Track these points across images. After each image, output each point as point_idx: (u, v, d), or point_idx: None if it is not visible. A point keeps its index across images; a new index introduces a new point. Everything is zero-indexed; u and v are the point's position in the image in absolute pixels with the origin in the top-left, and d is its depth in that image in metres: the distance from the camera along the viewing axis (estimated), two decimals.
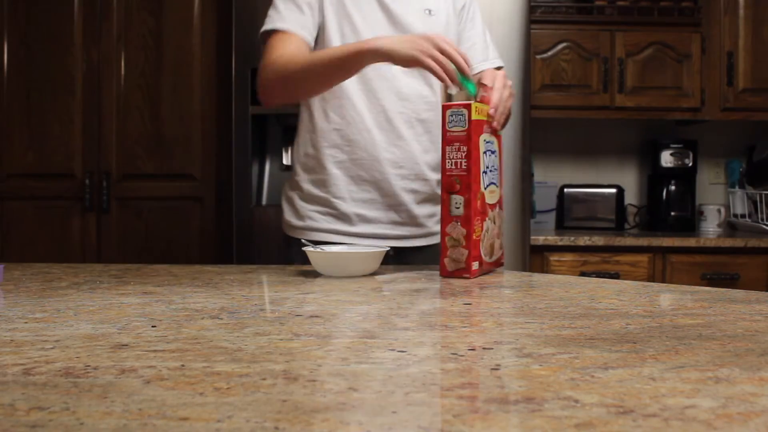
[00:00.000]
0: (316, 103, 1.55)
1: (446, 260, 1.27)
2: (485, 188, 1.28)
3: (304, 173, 1.58)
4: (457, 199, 1.25)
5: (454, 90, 1.32)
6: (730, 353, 0.66)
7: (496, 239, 1.35)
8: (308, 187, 1.56)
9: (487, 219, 1.29)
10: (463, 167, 1.24)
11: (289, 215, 1.60)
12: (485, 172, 1.28)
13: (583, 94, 2.93)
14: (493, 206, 1.32)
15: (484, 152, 1.28)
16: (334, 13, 1.51)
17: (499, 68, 1.58)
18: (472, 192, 1.24)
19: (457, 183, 1.25)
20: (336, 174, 1.52)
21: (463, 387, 0.55)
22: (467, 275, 1.24)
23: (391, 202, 1.53)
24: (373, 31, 1.49)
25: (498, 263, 1.37)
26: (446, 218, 1.26)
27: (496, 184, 1.35)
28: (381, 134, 1.51)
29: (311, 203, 1.56)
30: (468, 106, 1.23)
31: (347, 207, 1.52)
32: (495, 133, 1.34)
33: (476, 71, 1.53)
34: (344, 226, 1.53)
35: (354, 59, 1.36)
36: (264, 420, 0.46)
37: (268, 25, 1.51)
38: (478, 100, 1.29)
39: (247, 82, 2.67)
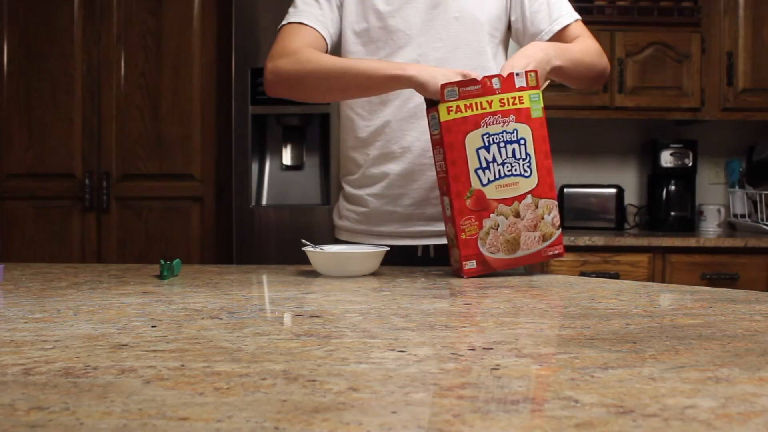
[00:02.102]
0: (347, 101, 1.53)
1: (452, 260, 1.29)
2: (485, 185, 1.24)
3: (341, 174, 1.60)
4: (446, 201, 1.26)
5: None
6: (730, 353, 0.66)
7: (529, 232, 1.28)
8: (346, 187, 1.57)
9: (492, 215, 1.25)
10: (444, 169, 1.24)
11: (335, 213, 1.62)
12: (484, 169, 1.24)
13: (583, 94, 2.93)
14: (509, 201, 1.26)
15: (484, 147, 1.24)
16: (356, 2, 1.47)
17: (568, 26, 1.47)
18: (452, 193, 1.23)
19: (444, 185, 1.25)
20: (368, 173, 1.50)
21: (463, 387, 0.55)
22: (461, 274, 1.25)
23: (426, 195, 1.47)
24: (400, 11, 1.44)
25: (540, 256, 1.30)
26: (445, 220, 1.28)
27: (524, 174, 1.27)
28: (407, 123, 1.45)
29: (349, 202, 1.56)
30: (436, 109, 1.22)
31: (377, 205, 1.49)
32: (528, 119, 1.26)
33: (547, 37, 1.46)
34: (374, 227, 1.51)
35: (384, 83, 1.33)
36: (264, 420, 0.46)
37: (284, 21, 1.49)
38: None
39: (247, 82, 2.67)
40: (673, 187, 3.10)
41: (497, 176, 1.26)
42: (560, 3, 1.50)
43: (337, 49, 1.52)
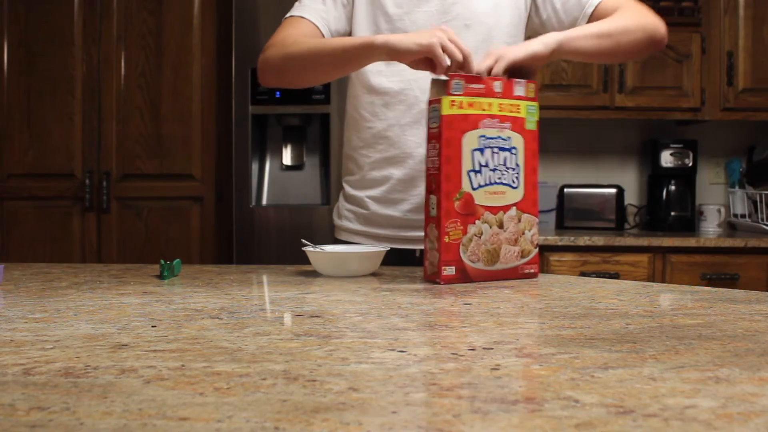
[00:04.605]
0: (352, 100, 1.53)
1: (427, 263, 1.22)
2: (475, 189, 1.20)
3: (342, 173, 1.59)
4: (433, 200, 1.20)
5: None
6: (730, 353, 0.66)
7: (509, 246, 1.23)
8: (346, 187, 1.57)
9: (478, 222, 1.20)
10: (437, 165, 1.19)
11: (334, 213, 1.61)
12: (476, 172, 1.20)
13: (583, 94, 2.93)
14: (495, 209, 1.22)
15: (479, 149, 1.20)
16: (366, 2, 1.47)
17: (599, 4, 1.42)
18: (442, 192, 1.17)
19: (433, 182, 1.20)
20: (369, 176, 1.50)
21: (463, 387, 0.55)
22: (438, 280, 1.18)
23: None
24: (409, 15, 1.44)
25: (516, 273, 1.25)
26: (427, 219, 1.22)
27: (511, 185, 1.23)
28: (411, 129, 1.45)
29: (349, 203, 1.56)
30: (439, 101, 1.18)
31: (377, 208, 1.49)
32: (522, 129, 1.23)
33: (584, 22, 1.42)
34: (373, 229, 1.51)
35: (360, 53, 1.31)
36: (264, 420, 0.46)
37: (287, 14, 1.49)
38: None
39: (247, 82, 2.67)
40: (673, 187, 3.10)
41: (488, 182, 1.21)
42: None
43: None
